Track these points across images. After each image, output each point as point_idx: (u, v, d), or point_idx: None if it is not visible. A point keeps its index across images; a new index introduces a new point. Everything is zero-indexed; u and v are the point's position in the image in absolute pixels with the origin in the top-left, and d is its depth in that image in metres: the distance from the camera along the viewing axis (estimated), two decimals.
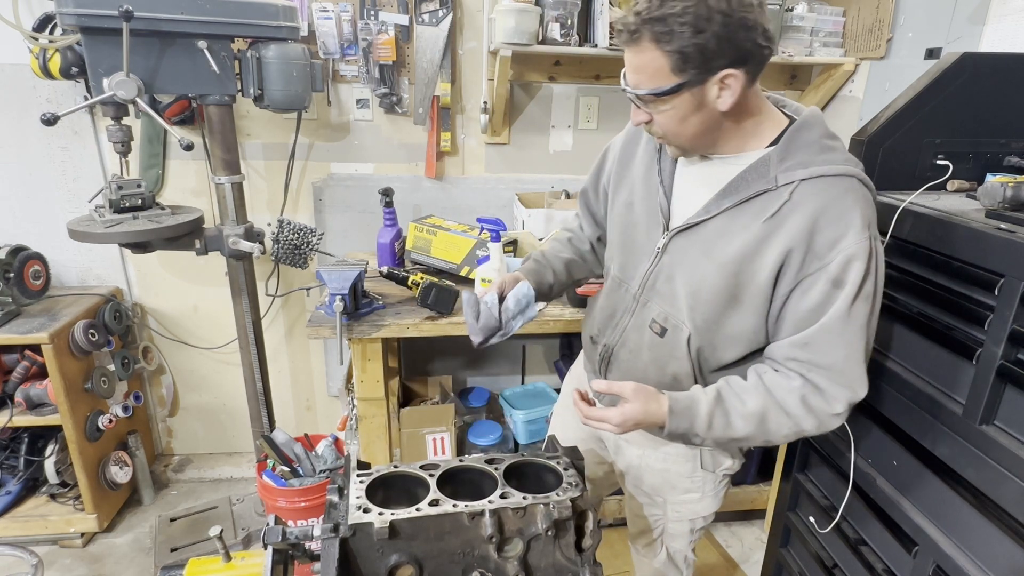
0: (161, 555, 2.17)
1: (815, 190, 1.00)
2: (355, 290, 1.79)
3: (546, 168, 2.55)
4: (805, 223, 0.99)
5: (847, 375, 1.03)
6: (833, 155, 1.03)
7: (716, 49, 0.93)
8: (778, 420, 1.06)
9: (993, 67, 1.41)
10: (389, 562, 0.90)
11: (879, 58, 2.14)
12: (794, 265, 1.02)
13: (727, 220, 1.07)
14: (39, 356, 2.05)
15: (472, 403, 2.63)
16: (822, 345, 1.02)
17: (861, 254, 0.98)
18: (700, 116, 1.01)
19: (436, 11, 2.21)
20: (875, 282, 1.02)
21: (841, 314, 1.00)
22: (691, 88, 0.97)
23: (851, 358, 1.03)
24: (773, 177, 1.02)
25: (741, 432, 1.07)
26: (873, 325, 1.05)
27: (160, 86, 1.74)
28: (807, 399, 1.04)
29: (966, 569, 1.15)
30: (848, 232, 0.98)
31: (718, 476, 1.33)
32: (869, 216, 1.00)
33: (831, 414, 1.05)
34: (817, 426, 1.06)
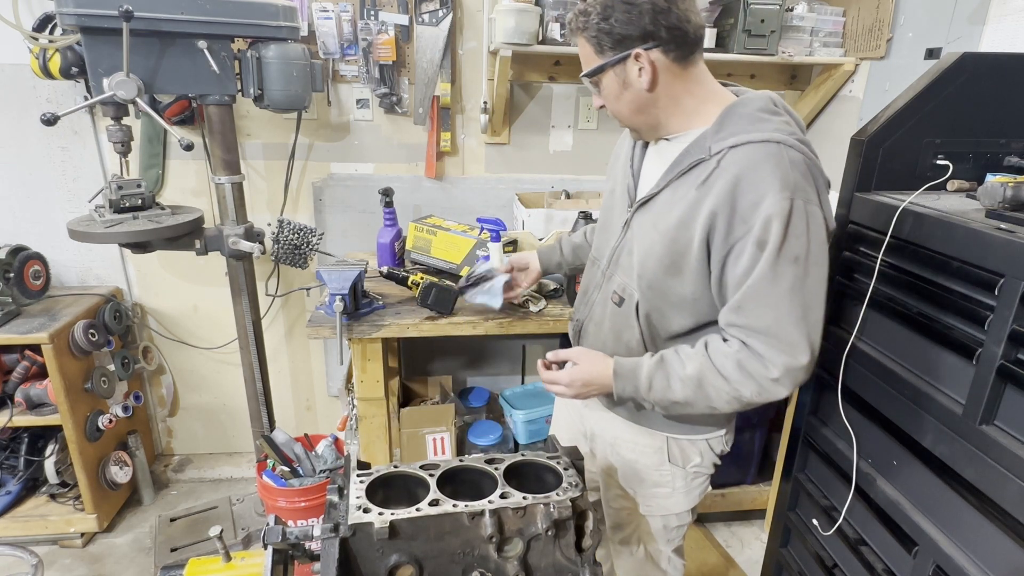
0: (161, 555, 2.17)
1: (740, 155, 1.04)
2: (355, 290, 1.79)
3: (546, 168, 2.55)
4: (728, 187, 1.03)
5: (782, 339, 1.03)
6: (765, 125, 1.06)
7: (623, 32, 1.06)
8: (716, 384, 1.08)
9: (993, 67, 1.41)
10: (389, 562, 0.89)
11: (879, 58, 2.14)
12: (721, 229, 1.05)
13: (671, 192, 1.14)
14: (39, 356, 2.05)
15: (472, 403, 2.63)
16: (752, 308, 1.04)
17: (780, 214, 1.00)
18: (629, 94, 1.13)
19: (436, 11, 2.21)
20: (805, 245, 1.02)
21: (764, 275, 1.02)
22: (612, 67, 1.10)
23: (783, 321, 1.03)
24: (708, 147, 1.09)
25: (680, 395, 1.10)
26: (812, 290, 1.04)
27: (160, 86, 1.74)
28: (743, 364, 1.06)
29: (966, 569, 1.15)
30: (768, 193, 1.00)
31: (688, 473, 1.33)
32: (793, 178, 1.01)
33: (769, 379, 1.05)
34: (758, 391, 1.06)
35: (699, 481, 1.36)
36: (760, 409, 2.29)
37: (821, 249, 1.04)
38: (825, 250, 1.06)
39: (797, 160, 1.03)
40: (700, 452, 1.31)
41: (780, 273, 1.02)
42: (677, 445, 1.30)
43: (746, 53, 2.15)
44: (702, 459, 1.32)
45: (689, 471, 1.33)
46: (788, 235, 1.00)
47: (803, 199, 1.01)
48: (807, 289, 1.03)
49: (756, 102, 1.10)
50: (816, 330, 1.05)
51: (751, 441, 2.37)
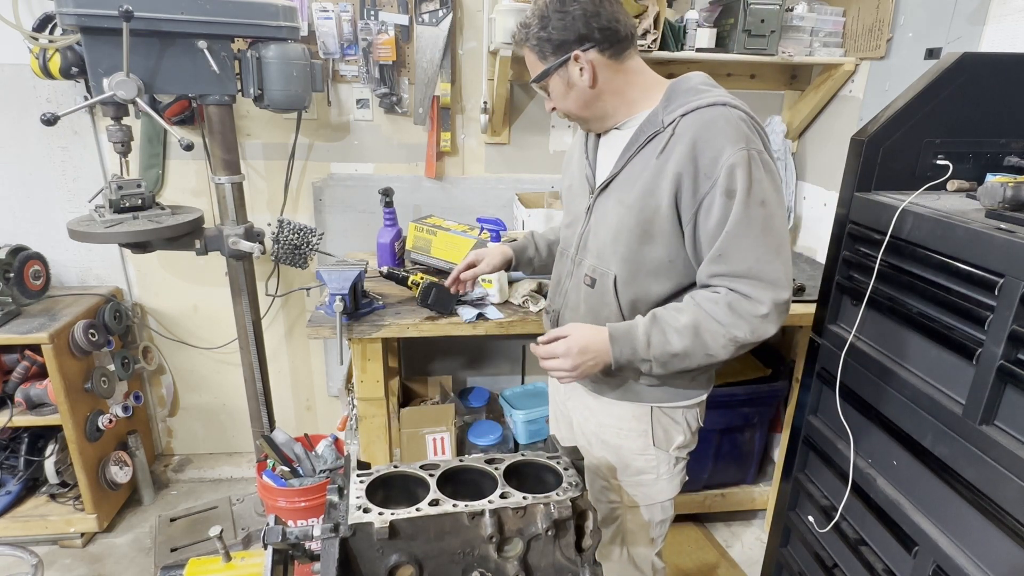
0: (161, 555, 2.17)
1: (692, 120, 1.13)
2: (355, 290, 1.79)
3: (546, 168, 2.55)
4: (687, 148, 1.12)
5: (765, 276, 1.11)
6: (707, 94, 1.16)
7: (560, 38, 1.17)
8: (711, 329, 1.13)
9: (993, 67, 1.41)
10: (389, 562, 0.89)
11: (879, 58, 2.14)
12: (687, 188, 1.13)
13: (630, 168, 1.22)
14: (39, 356, 2.05)
15: (472, 403, 2.63)
16: (733, 253, 1.11)
17: (741, 162, 1.08)
18: (574, 93, 1.23)
19: (436, 11, 2.21)
20: (768, 188, 1.11)
21: (740, 219, 1.10)
22: (556, 70, 1.21)
23: (763, 259, 1.11)
24: (660, 120, 1.18)
25: (678, 346, 1.14)
26: (779, 229, 1.13)
27: (160, 86, 1.74)
28: (734, 305, 1.12)
29: (966, 569, 1.15)
30: (725, 146, 1.09)
31: (672, 457, 1.36)
32: (744, 132, 1.10)
33: (758, 316, 1.11)
34: (751, 331, 1.12)
35: (680, 467, 1.39)
36: (760, 409, 2.30)
37: (779, 193, 1.14)
38: (782, 196, 1.16)
39: (743, 116, 1.12)
40: (682, 429, 1.34)
41: (752, 216, 1.10)
42: (660, 424, 1.32)
43: (746, 53, 2.15)
44: (684, 437, 1.35)
45: (672, 454, 1.35)
46: (752, 181, 1.09)
47: (756, 149, 1.10)
48: (775, 228, 1.12)
49: (695, 78, 1.21)
50: (789, 265, 1.14)
51: (751, 441, 2.37)
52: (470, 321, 1.83)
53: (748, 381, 2.29)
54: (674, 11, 2.26)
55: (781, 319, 1.13)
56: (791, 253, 1.16)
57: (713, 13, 2.23)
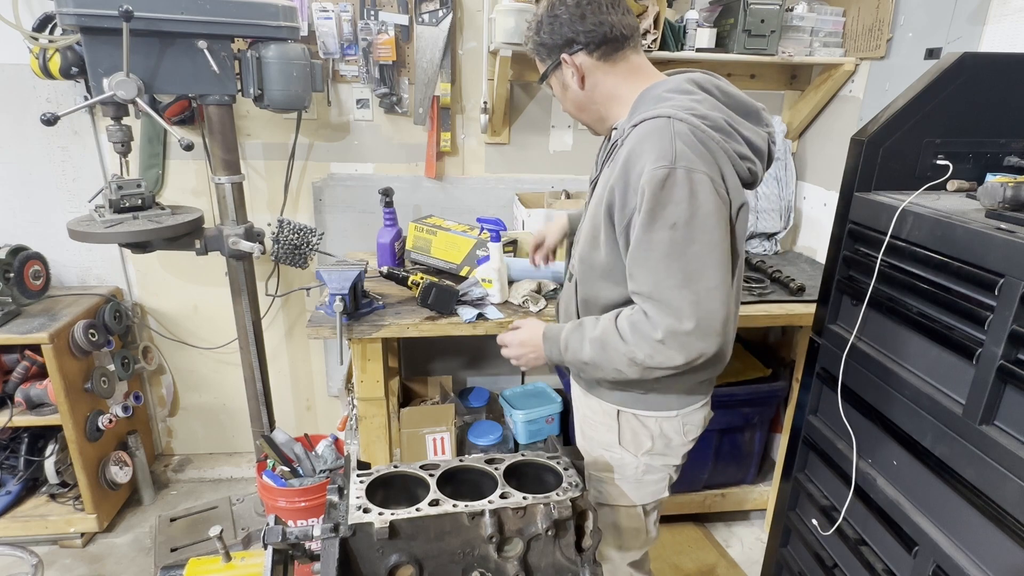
0: (161, 555, 2.17)
1: (634, 132, 1.12)
2: (355, 290, 1.79)
3: (546, 168, 2.55)
4: (622, 162, 1.11)
5: (664, 303, 1.07)
6: (664, 104, 1.12)
7: (550, 42, 1.22)
8: (615, 346, 1.13)
9: (993, 67, 1.41)
10: (389, 562, 0.89)
11: (879, 58, 2.14)
12: (618, 202, 1.12)
13: (602, 175, 1.22)
14: (39, 356, 2.05)
15: (472, 403, 2.63)
16: (636, 273, 1.11)
17: (650, 182, 1.04)
18: (570, 94, 1.27)
19: (436, 11, 2.21)
20: (686, 212, 1.04)
21: (639, 241, 1.08)
22: (553, 72, 1.26)
23: (661, 286, 1.07)
24: (622, 130, 1.18)
25: (588, 355, 1.18)
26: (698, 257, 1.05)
27: (160, 86, 1.74)
28: (636, 324, 1.11)
29: (966, 569, 1.15)
30: (647, 162, 1.05)
31: (639, 462, 1.31)
32: (674, 148, 1.04)
33: (655, 340, 1.08)
34: (649, 354, 1.09)
35: (653, 477, 1.33)
36: (760, 409, 2.30)
37: (709, 218, 1.05)
38: (715, 219, 1.06)
39: (682, 131, 1.06)
40: (652, 436, 1.29)
41: (654, 240, 1.06)
42: (628, 424, 1.30)
43: (746, 53, 2.15)
44: (653, 444, 1.30)
45: (640, 459, 1.31)
46: (661, 202, 1.04)
47: (685, 167, 1.03)
48: (689, 256, 1.05)
49: (667, 84, 1.18)
50: (707, 299, 1.06)
51: (751, 441, 2.37)
52: (470, 321, 1.83)
53: (748, 381, 2.29)
54: (674, 11, 2.26)
55: (686, 352, 1.07)
56: (716, 284, 1.06)
57: (713, 13, 2.23)
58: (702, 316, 1.06)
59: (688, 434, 1.32)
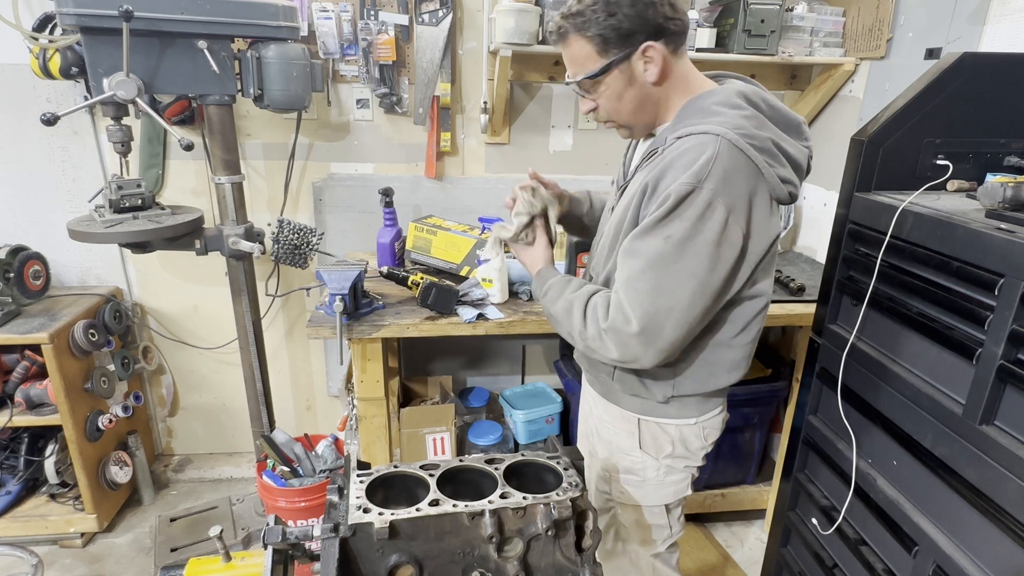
0: (161, 555, 2.17)
1: (677, 144, 1.06)
2: (355, 290, 1.79)
3: (546, 168, 2.54)
4: (659, 171, 1.06)
5: (622, 299, 1.06)
6: (716, 118, 1.06)
7: (630, 27, 1.05)
8: (574, 316, 1.14)
9: (993, 67, 1.41)
10: (389, 562, 0.89)
11: (879, 58, 2.14)
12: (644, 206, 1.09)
13: (635, 181, 1.17)
14: (39, 356, 2.05)
15: (472, 403, 2.63)
16: (620, 262, 1.10)
17: (673, 195, 1.00)
18: (633, 91, 1.12)
19: (436, 11, 2.21)
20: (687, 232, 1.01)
21: (635, 237, 1.06)
22: (619, 65, 1.09)
23: (627, 286, 1.06)
24: (664, 139, 1.11)
25: (555, 310, 1.20)
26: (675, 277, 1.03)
27: (160, 86, 1.74)
28: (595, 304, 1.12)
29: (966, 569, 1.15)
30: (680, 175, 1.01)
31: (661, 464, 1.31)
32: (711, 170, 0.99)
33: (599, 327, 1.09)
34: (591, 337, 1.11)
35: (675, 478, 1.34)
36: (760, 409, 2.30)
37: (704, 246, 1.02)
38: (708, 251, 1.02)
39: (725, 153, 1.01)
40: (672, 441, 1.30)
41: (647, 243, 1.04)
42: (648, 431, 1.30)
43: (746, 53, 2.15)
44: (673, 448, 1.30)
45: (662, 462, 1.31)
46: (672, 215, 1.01)
47: (711, 192, 1.00)
48: (668, 273, 1.03)
49: (718, 95, 1.10)
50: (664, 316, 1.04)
51: (751, 441, 2.37)
52: (470, 321, 1.83)
53: (748, 381, 2.28)
54: None
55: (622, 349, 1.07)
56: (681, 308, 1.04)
57: (713, 13, 2.23)
58: (647, 327, 1.05)
59: (708, 438, 1.33)
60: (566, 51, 1.13)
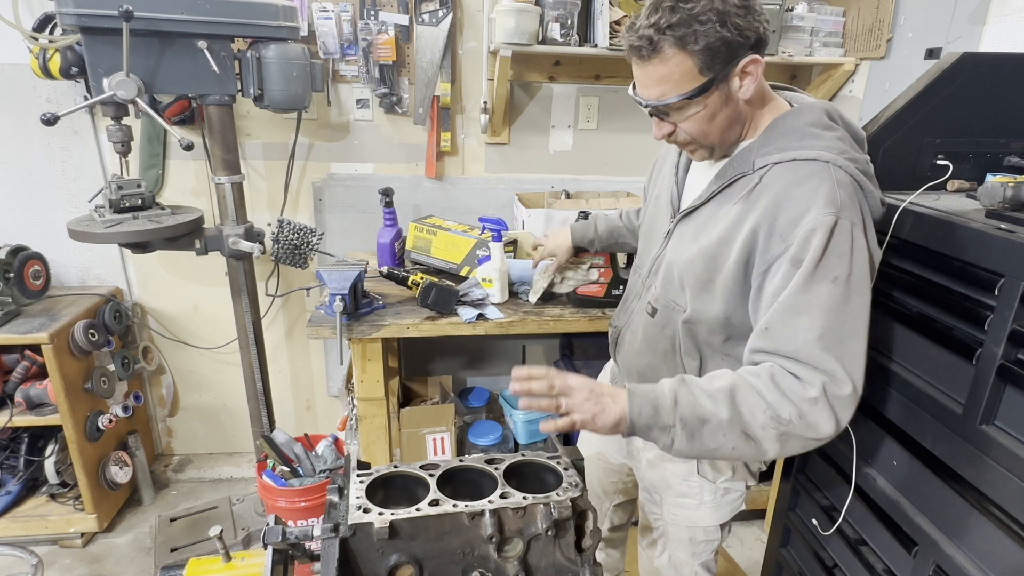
0: (161, 555, 2.17)
1: (784, 171, 0.99)
2: (355, 290, 1.79)
3: (546, 168, 2.55)
4: (770, 204, 0.98)
5: (813, 362, 0.93)
6: (814, 141, 1.00)
7: (739, 39, 0.95)
8: (750, 400, 0.94)
9: (993, 67, 1.41)
10: (389, 562, 0.89)
11: (879, 58, 2.14)
12: (760, 246, 0.99)
13: (715, 206, 1.09)
14: (39, 356, 2.05)
15: (472, 403, 2.63)
16: (781, 330, 0.95)
17: (821, 229, 0.93)
18: (727, 110, 1.02)
19: (436, 11, 2.21)
20: (847, 267, 0.93)
21: (798, 291, 0.93)
22: (719, 84, 0.98)
23: (814, 344, 0.92)
24: (751, 161, 1.04)
25: (711, 410, 0.94)
26: (852, 317, 0.94)
27: (160, 86, 1.74)
28: (777, 379, 0.95)
29: (966, 569, 1.15)
30: (810, 209, 0.94)
31: (718, 488, 1.30)
32: (840, 198, 0.95)
33: (807, 398, 0.93)
34: (798, 413, 0.93)
35: (731, 497, 1.32)
36: None
37: (863, 277, 0.95)
38: (868, 282, 0.97)
39: (844, 181, 0.96)
40: (732, 467, 1.28)
41: (815, 292, 0.93)
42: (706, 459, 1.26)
43: None
44: (734, 474, 1.28)
45: (720, 486, 1.29)
46: (828, 252, 0.93)
47: (849, 220, 0.94)
48: (846, 315, 0.94)
49: (808, 115, 1.03)
50: (856, 363, 0.95)
51: None
52: (470, 321, 1.83)
53: None
54: None
55: (837, 414, 0.94)
56: (864, 350, 0.96)
57: None
58: (854, 381, 0.94)
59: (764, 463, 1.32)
60: (655, 68, 0.98)
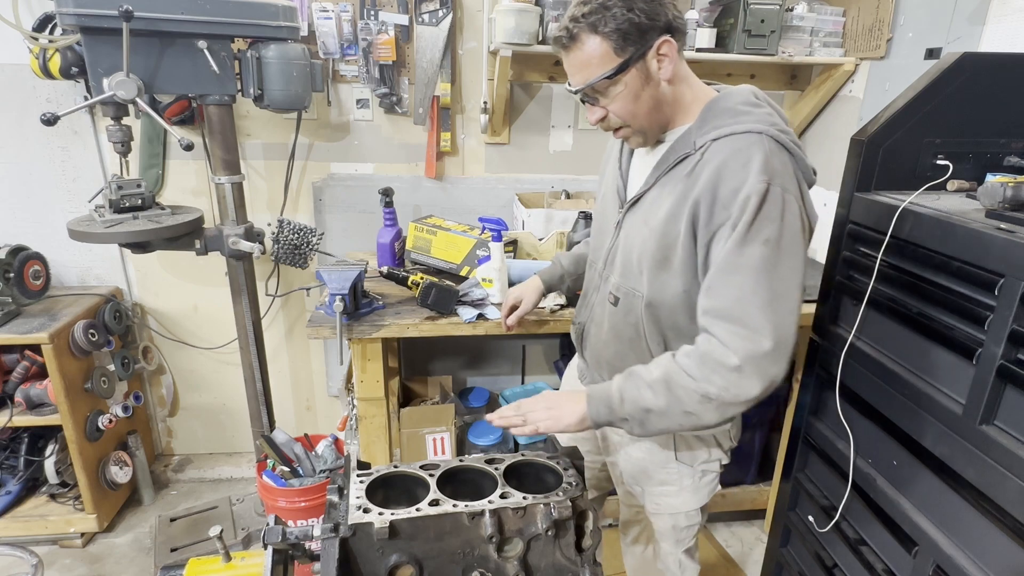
0: (161, 555, 2.17)
1: (722, 145, 1.05)
2: (355, 290, 1.79)
3: (546, 168, 2.55)
4: (711, 176, 1.04)
5: (744, 322, 0.99)
6: (747, 117, 1.07)
7: (647, 21, 1.04)
8: (683, 384, 1.03)
9: (993, 67, 1.41)
10: (389, 562, 0.89)
11: (879, 58, 2.14)
12: (703, 217, 1.05)
13: (659, 188, 1.14)
14: (39, 356, 2.05)
15: (472, 403, 2.63)
16: (718, 287, 1.03)
17: (754, 195, 0.99)
18: (650, 90, 1.10)
19: (436, 11, 2.21)
20: (778, 230, 1.00)
21: (733, 252, 1.01)
22: (636, 63, 1.07)
23: (746, 301, 1.00)
24: (692, 142, 1.10)
25: (651, 401, 1.05)
26: (783, 278, 1.01)
27: (160, 86, 1.74)
28: (704, 356, 1.02)
29: (966, 569, 1.15)
30: (748, 178, 1.00)
31: (696, 471, 1.32)
32: (773, 165, 1.01)
33: (731, 367, 0.99)
34: (724, 386, 1.00)
35: (708, 479, 1.35)
36: (760, 409, 2.30)
37: (795, 241, 1.03)
38: (800, 244, 1.04)
39: (776, 150, 1.03)
40: (707, 446, 1.31)
41: (748, 253, 1.00)
42: (684, 441, 1.30)
43: (746, 53, 2.15)
44: (710, 455, 1.31)
45: (697, 469, 1.32)
46: (760, 216, 1.00)
47: (780, 186, 1.01)
48: (777, 276, 1.01)
49: (737, 96, 1.11)
50: (786, 323, 1.01)
51: (751, 441, 2.37)
52: (470, 321, 1.83)
53: None
54: None
55: (763, 378, 1.00)
56: (795, 308, 1.03)
57: (713, 13, 2.23)
58: (780, 338, 1.00)
59: (735, 438, 1.35)
60: (576, 54, 1.09)
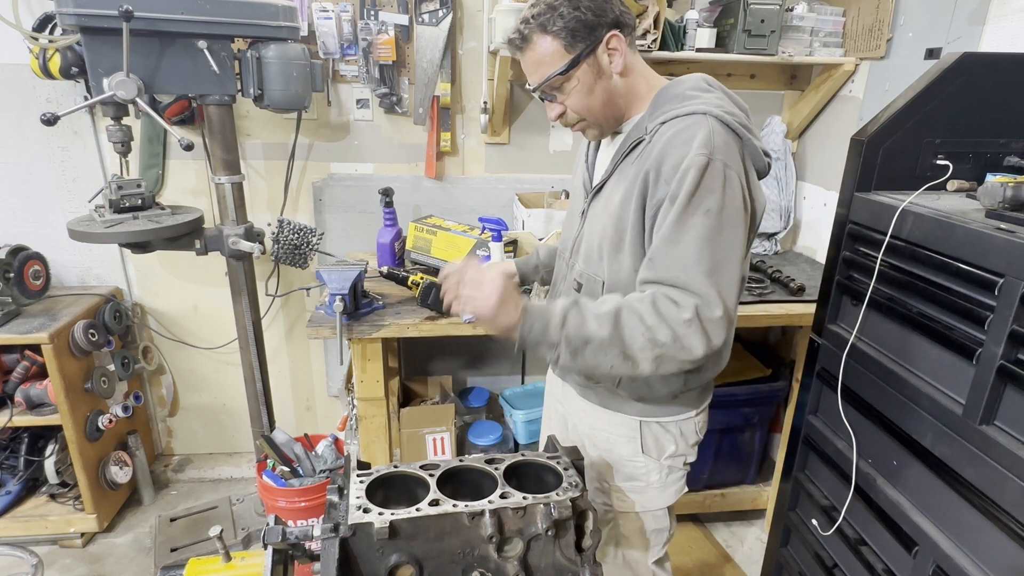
0: (161, 555, 2.17)
1: (668, 127, 1.09)
2: (355, 290, 1.79)
3: (546, 168, 2.55)
4: (656, 154, 1.08)
5: (691, 287, 1.02)
6: (694, 101, 1.10)
7: (594, 18, 1.10)
8: (631, 324, 1.03)
9: (993, 67, 1.41)
10: (389, 562, 0.89)
11: (879, 58, 2.14)
12: (649, 192, 1.09)
13: (618, 175, 1.19)
14: (39, 356, 2.05)
15: (472, 403, 2.63)
16: (661, 258, 1.05)
17: (694, 167, 1.02)
18: (603, 83, 1.15)
19: (436, 11, 2.21)
20: (719, 201, 1.03)
21: (674, 223, 1.03)
22: (586, 58, 1.12)
23: (691, 271, 1.02)
24: (644, 128, 1.14)
25: (594, 332, 1.03)
26: (725, 247, 1.04)
27: (160, 86, 1.74)
28: (657, 303, 1.02)
29: (966, 569, 1.15)
30: (688, 152, 1.03)
31: (663, 466, 1.32)
32: (713, 142, 1.04)
33: (682, 320, 1.01)
34: (673, 337, 1.01)
35: (675, 477, 1.35)
36: (760, 409, 2.30)
37: (737, 213, 1.05)
38: (742, 218, 1.06)
39: (718, 128, 1.06)
40: (674, 439, 1.31)
41: (690, 223, 1.03)
42: (650, 432, 1.29)
43: (746, 53, 2.15)
44: (676, 447, 1.31)
45: (664, 463, 1.32)
46: (700, 188, 1.02)
47: (722, 161, 1.04)
48: (719, 245, 1.03)
49: (688, 82, 1.16)
50: (729, 290, 1.04)
51: (751, 441, 2.37)
52: (470, 321, 1.83)
53: (748, 381, 2.29)
54: (674, 11, 2.26)
55: (708, 337, 1.02)
56: (736, 279, 1.06)
57: (713, 13, 2.23)
58: (726, 307, 1.03)
59: (700, 432, 1.36)
60: (530, 55, 1.15)
